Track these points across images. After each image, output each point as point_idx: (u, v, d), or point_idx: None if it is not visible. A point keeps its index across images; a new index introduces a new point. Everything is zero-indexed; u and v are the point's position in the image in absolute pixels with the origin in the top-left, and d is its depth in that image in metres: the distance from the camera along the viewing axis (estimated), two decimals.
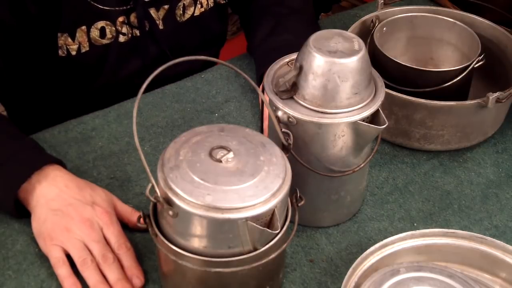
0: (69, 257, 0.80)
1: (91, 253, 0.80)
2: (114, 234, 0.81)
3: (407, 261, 0.77)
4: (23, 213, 0.85)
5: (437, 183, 0.95)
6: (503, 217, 0.90)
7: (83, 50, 1.02)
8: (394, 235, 0.78)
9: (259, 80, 1.04)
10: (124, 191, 0.91)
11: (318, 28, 1.11)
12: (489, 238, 0.78)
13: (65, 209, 0.82)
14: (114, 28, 1.03)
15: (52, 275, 0.80)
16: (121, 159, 0.96)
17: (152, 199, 0.67)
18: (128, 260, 0.81)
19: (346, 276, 0.72)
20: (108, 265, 0.79)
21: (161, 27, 1.09)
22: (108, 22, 1.02)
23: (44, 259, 0.82)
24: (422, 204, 0.92)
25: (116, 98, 1.07)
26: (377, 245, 0.77)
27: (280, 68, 0.82)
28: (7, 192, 0.83)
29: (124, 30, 1.04)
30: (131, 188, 0.92)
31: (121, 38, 1.05)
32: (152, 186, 0.67)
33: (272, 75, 0.81)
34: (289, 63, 0.83)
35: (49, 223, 0.81)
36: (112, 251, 0.80)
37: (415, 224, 0.89)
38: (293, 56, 0.82)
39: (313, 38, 0.76)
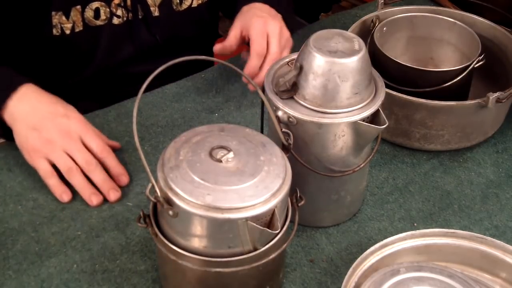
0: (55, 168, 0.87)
1: (75, 162, 0.87)
2: (93, 140, 0.88)
3: (407, 261, 0.77)
4: (5, 133, 0.92)
5: (437, 183, 0.95)
6: (503, 217, 0.90)
7: (77, 30, 1.03)
8: (394, 235, 0.78)
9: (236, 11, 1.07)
10: (124, 190, 0.91)
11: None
12: (489, 238, 0.78)
13: (42, 123, 0.88)
14: (108, 10, 1.04)
15: (52, 275, 0.80)
16: (121, 159, 0.96)
17: (152, 199, 0.67)
18: (112, 161, 0.89)
19: (346, 276, 0.72)
20: (92, 169, 0.87)
21: (156, 13, 1.09)
22: (103, 3, 1.03)
23: (44, 259, 0.82)
24: (422, 204, 0.92)
25: (108, 88, 1.08)
26: (377, 245, 0.77)
27: (280, 68, 0.82)
28: None
29: (119, 12, 1.05)
30: (131, 188, 0.92)
31: (115, 20, 1.05)
32: (152, 186, 0.67)
33: (272, 75, 0.81)
34: (289, 63, 0.83)
35: (30, 138, 0.88)
36: (94, 156, 0.88)
37: (415, 224, 0.89)
38: (293, 56, 0.82)
39: (313, 38, 0.76)
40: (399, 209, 0.91)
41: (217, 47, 1.03)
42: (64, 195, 0.88)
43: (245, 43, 1.04)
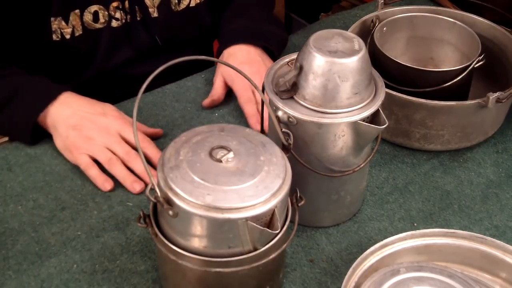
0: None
1: (115, 155, 0.91)
2: (132, 133, 0.91)
3: (407, 261, 0.77)
4: (36, 140, 0.96)
5: (437, 183, 0.95)
6: (503, 217, 0.90)
7: (76, 34, 1.03)
8: (394, 235, 0.78)
9: (218, 57, 1.10)
10: (125, 190, 0.91)
11: (272, 17, 1.21)
12: (489, 238, 0.78)
13: (82, 123, 0.93)
14: (107, 13, 1.04)
15: (52, 275, 0.80)
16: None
17: (152, 199, 0.67)
18: (152, 150, 0.92)
19: (346, 276, 0.72)
20: (132, 160, 0.91)
21: (155, 14, 1.09)
22: (101, 7, 1.03)
23: (44, 259, 0.82)
24: (422, 204, 0.92)
25: (108, 90, 1.09)
26: (377, 245, 0.77)
27: (280, 68, 0.82)
28: (27, 120, 0.95)
29: (118, 15, 1.05)
30: None
31: (114, 23, 1.06)
32: (152, 186, 0.67)
33: (272, 75, 0.81)
34: (289, 63, 0.83)
35: (71, 137, 0.92)
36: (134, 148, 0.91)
37: (415, 224, 0.89)
38: (293, 56, 0.82)
39: (313, 38, 0.76)
40: (399, 209, 0.91)
41: (206, 102, 1.05)
42: (106, 183, 0.91)
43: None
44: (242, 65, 1.02)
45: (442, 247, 0.79)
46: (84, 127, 0.93)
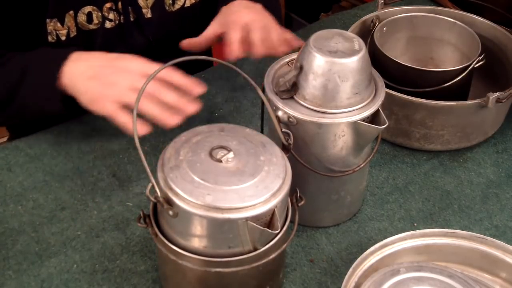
0: None
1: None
2: (153, 67, 0.86)
3: (407, 261, 0.77)
4: (68, 107, 0.93)
5: (437, 183, 0.95)
6: (503, 217, 0.90)
7: (71, 35, 1.03)
8: (394, 235, 0.78)
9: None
10: (124, 190, 0.91)
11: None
12: (489, 238, 0.78)
13: (100, 71, 0.89)
14: (100, 14, 1.04)
15: (52, 275, 0.80)
16: (121, 159, 0.96)
17: (152, 199, 0.67)
18: (180, 77, 0.87)
19: (346, 276, 0.72)
20: (162, 92, 0.85)
21: (148, 15, 1.09)
22: (94, 8, 1.03)
23: (44, 259, 0.82)
24: (422, 204, 0.92)
25: None
26: (377, 245, 0.77)
27: (280, 68, 0.82)
28: (47, 88, 0.91)
29: (111, 16, 1.05)
30: (131, 188, 0.92)
31: (108, 24, 1.06)
32: (152, 186, 0.67)
33: (272, 75, 0.81)
34: (289, 63, 0.83)
35: (92, 88, 0.89)
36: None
37: (415, 224, 0.89)
38: (293, 56, 0.82)
39: (313, 38, 0.76)
40: (399, 209, 0.91)
41: (184, 43, 1.02)
42: (141, 128, 0.84)
43: (219, 40, 1.03)
44: (243, 10, 1.00)
45: (442, 247, 0.79)
46: (103, 75, 0.89)
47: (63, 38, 1.03)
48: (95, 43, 1.06)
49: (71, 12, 1.01)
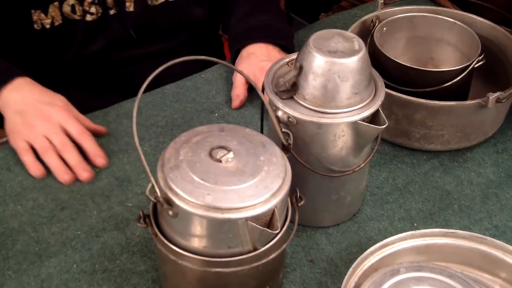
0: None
1: (52, 144, 0.92)
2: (73, 125, 0.94)
3: (407, 261, 0.77)
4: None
5: (437, 183, 0.95)
6: (503, 217, 0.90)
7: (56, 24, 1.07)
8: (394, 235, 0.78)
9: (234, 57, 1.10)
10: (124, 191, 0.91)
11: (283, 13, 1.22)
12: (489, 238, 0.78)
13: (27, 109, 0.95)
14: (81, 8, 1.07)
15: (52, 275, 0.80)
16: (120, 159, 0.96)
17: (152, 199, 0.67)
18: (91, 144, 0.94)
19: (346, 276, 0.72)
20: (67, 151, 0.92)
21: (131, 9, 1.11)
22: (76, 1, 1.06)
23: (44, 259, 0.82)
24: (422, 204, 0.92)
25: (87, 72, 1.15)
26: (377, 245, 0.76)
27: (280, 68, 0.82)
28: None
29: (93, 9, 1.08)
30: (131, 188, 0.92)
31: (88, 17, 1.08)
32: (152, 186, 0.67)
33: (272, 75, 0.81)
34: (289, 63, 0.83)
35: (14, 121, 0.95)
36: (73, 141, 0.93)
37: (415, 224, 0.89)
38: (293, 56, 0.82)
39: (313, 38, 0.76)
40: (399, 209, 0.91)
41: (236, 104, 1.06)
42: (37, 171, 0.92)
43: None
44: (264, 63, 1.02)
45: (442, 247, 0.79)
46: (28, 114, 0.94)
47: (48, 26, 1.07)
48: (77, 32, 1.10)
49: (56, 3, 1.05)
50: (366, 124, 0.76)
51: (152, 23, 1.15)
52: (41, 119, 0.94)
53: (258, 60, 1.04)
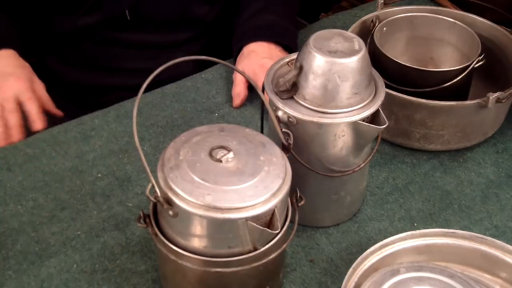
0: None
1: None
2: (24, 93, 1.01)
3: (407, 261, 0.77)
4: None
5: (437, 183, 0.95)
6: (503, 217, 0.90)
7: None
8: (394, 235, 0.78)
9: (236, 54, 1.10)
10: (124, 190, 0.91)
11: (294, 17, 1.23)
12: (489, 238, 0.78)
13: None
14: None
15: (52, 275, 0.80)
16: (120, 159, 0.96)
17: (152, 199, 0.67)
18: (32, 108, 1.01)
19: (346, 276, 0.72)
20: (7, 113, 1.00)
21: None
22: None
23: (44, 258, 0.82)
24: (422, 204, 0.92)
25: (79, 47, 1.19)
26: (377, 245, 0.76)
27: (280, 68, 0.82)
28: None
29: None
30: (131, 188, 0.92)
31: None
32: (152, 186, 0.67)
33: (272, 75, 0.81)
34: (289, 63, 0.83)
35: None
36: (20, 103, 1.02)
37: (415, 224, 0.89)
38: (293, 56, 0.82)
39: (313, 38, 0.76)
40: (399, 209, 0.91)
41: (237, 103, 1.06)
42: None
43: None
44: (264, 60, 1.02)
45: (442, 247, 0.79)
46: None
47: None
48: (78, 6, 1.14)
49: None
50: (366, 124, 0.76)
51: (150, 10, 1.15)
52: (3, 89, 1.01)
53: (258, 58, 1.04)
